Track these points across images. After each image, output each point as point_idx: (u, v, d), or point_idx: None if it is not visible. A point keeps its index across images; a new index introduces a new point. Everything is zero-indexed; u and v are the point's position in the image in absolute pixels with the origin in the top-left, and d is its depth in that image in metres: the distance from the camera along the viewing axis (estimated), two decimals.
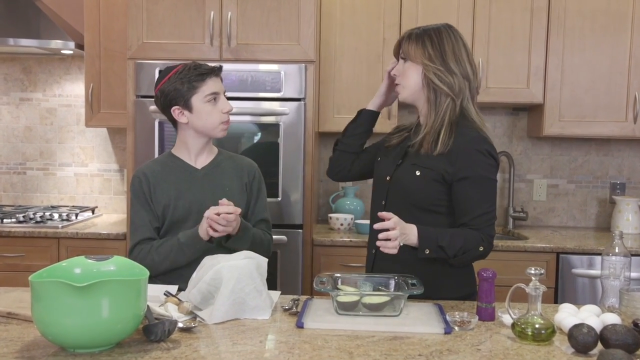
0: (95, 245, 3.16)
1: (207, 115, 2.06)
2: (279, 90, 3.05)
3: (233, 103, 3.01)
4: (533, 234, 3.33)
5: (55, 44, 3.38)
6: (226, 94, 2.16)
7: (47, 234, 3.17)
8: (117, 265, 1.58)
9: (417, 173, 1.91)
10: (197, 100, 2.05)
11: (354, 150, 2.18)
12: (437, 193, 1.90)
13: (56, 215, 3.43)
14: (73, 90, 3.80)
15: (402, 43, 1.99)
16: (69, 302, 1.36)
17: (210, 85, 2.06)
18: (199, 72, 2.04)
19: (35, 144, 3.83)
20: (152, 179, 2.11)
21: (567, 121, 3.31)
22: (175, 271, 2.07)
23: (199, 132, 2.10)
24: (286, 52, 3.07)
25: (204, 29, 3.09)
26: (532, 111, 3.55)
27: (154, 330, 1.49)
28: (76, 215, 3.47)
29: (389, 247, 1.74)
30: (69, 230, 3.19)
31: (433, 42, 1.92)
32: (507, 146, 3.66)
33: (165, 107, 2.10)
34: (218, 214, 1.93)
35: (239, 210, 1.98)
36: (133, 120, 3.10)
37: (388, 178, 2.00)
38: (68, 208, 3.64)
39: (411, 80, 1.95)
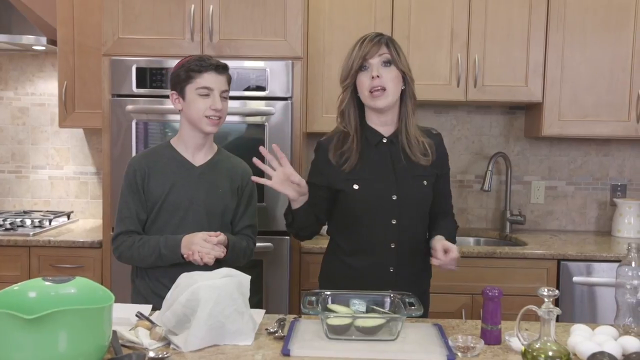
0: (69, 254, 2.97)
1: (194, 105, 2.06)
2: (264, 89, 2.88)
3: None
4: (531, 239, 3.18)
5: (27, 39, 3.18)
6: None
7: (17, 243, 2.97)
8: (79, 288, 1.41)
9: (425, 183, 1.99)
10: (190, 90, 2.06)
11: (310, 222, 2.00)
12: (432, 194, 2.04)
13: (28, 222, 3.23)
14: (47, 89, 3.59)
15: (382, 48, 1.93)
16: (19, 336, 1.18)
17: (206, 79, 2.05)
18: (198, 64, 2.05)
19: (7, 145, 3.63)
20: (147, 169, 2.10)
21: (567, 121, 3.16)
22: (161, 268, 2.05)
23: (190, 122, 2.10)
24: (272, 48, 2.90)
25: (184, 23, 2.90)
26: (530, 110, 3.40)
27: None
28: (50, 221, 3.27)
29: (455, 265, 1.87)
30: (41, 238, 3.00)
31: (401, 49, 1.98)
32: (504, 146, 3.50)
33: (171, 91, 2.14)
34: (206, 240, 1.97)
35: (222, 255, 1.97)
36: (109, 120, 2.91)
37: (395, 197, 1.95)
38: (42, 213, 3.44)
39: (397, 88, 1.95)
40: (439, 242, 1.87)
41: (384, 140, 1.99)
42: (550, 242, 3.13)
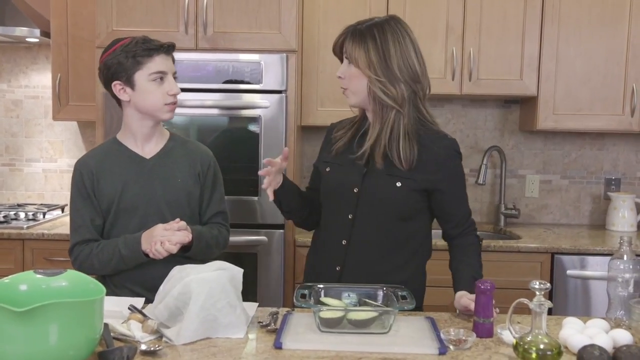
0: (63, 247, 2.91)
1: (149, 94, 1.88)
2: (258, 82, 2.87)
3: (210, 95, 2.86)
4: (526, 233, 3.19)
5: (20, 31, 3.16)
6: (201, 85, 1.99)
7: (10, 235, 2.96)
8: (70, 280, 1.40)
9: (398, 184, 1.79)
10: (140, 77, 1.87)
11: (304, 208, 1.96)
12: (417, 202, 1.83)
13: (22, 215, 3.22)
14: (40, 81, 3.58)
15: (344, 42, 1.81)
16: (10, 329, 1.18)
17: (158, 63, 1.87)
18: (146, 47, 1.86)
19: (0, 138, 3.61)
20: (95, 170, 1.93)
21: (562, 114, 3.16)
22: (123, 273, 1.93)
23: (142, 112, 1.92)
24: (266, 41, 2.89)
25: (178, 15, 2.89)
26: (525, 104, 3.40)
27: (110, 358, 1.31)
28: (44, 214, 3.26)
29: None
30: (35, 230, 2.99)
31: (376, 44, 1.76)
32: (499, 140, 3.50)
33: (107, 81, 1.92)
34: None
35: (187, 239, 1.84)
36: (102, 113, 2.90)
37: (356, 190, 1.83)
38: (35, 206, 3.43)
39: (358, 86, 1.80)
40: (461, 300, 1.71)
41: (362, 131, 1.88)
42: (544, 236, 3.13)
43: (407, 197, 1.80)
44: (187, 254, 1.89)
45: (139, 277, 1.91)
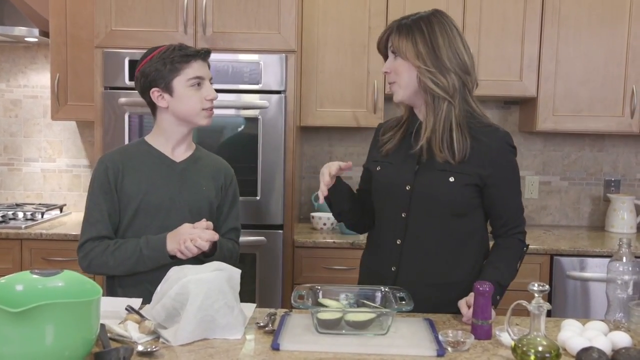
0: (61, 247, 2.95)
1: (188, 99, 1.90)
2: (257, 82, 2.86)
3: None
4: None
5: (19, 30, 3.16)
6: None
7: (8, 235, 2.96)
8: (66, 281, 1.39)
9: (451, 179, 1.75)
10: (179, 83, 1.89)
11: (356, 210, 1.95)
12: (470, 198, 1.79)
13: (20, 214, 3.21)
14: (39, 81, 3.57)
15: (390, 37, 1.80)
16: (5, 330, 1.17)
17: (195, 69, 1.90)
18: (183, 54, 1.89)
19: None
20: (121, 166, 1.92)
21: (562, 115, 3.15)
22: (137, 275, 1.90)
23: (180, 118, 1.93)
24: (266, 41, 2.88)
25: (177, 15, 2.88)
26: (525, 105, 3.40)
27: (106, 358, 1.30)
28: (42, 214, 3.25)
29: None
30: (33, 230, 2.98)
31: (424, 36, 1.75)
32: None
33: (144, 89, 1.93)
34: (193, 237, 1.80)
35: (216, 237, 1.83)
36: (101, 113, 2.90)
37: (408, 187, 1.80)
38: (34, 206, 3.43)
39: (407, 79, 1.77)
40: (465, 299, 1.70)
41: (415, 128, 1.84)
42: (543, 237, 3.13)
43: (460, 192, 1.76)
44: (207, 259, 1.84)
45: (155, 278, 1.81)
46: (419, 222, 1.80)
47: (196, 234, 1.78)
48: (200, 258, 1.85)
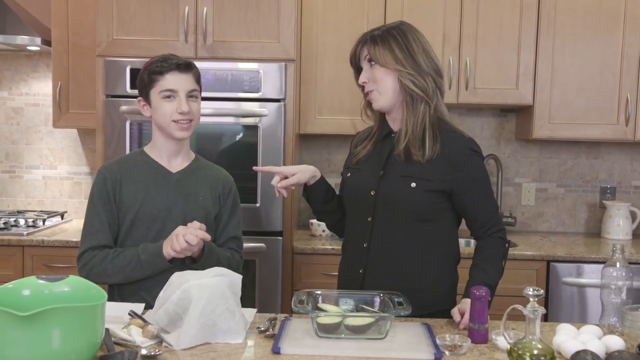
0: (63, 254, 2.98)
1: (161, 110, 1.92)
2: (257, 90, 2.90)
3: (209, 104, 2.88)
4: (522, 241, 3.21)
5: (21, 39, 3.20)
6: (202, 93, 2.01)
7: (10, 242, 2.98)
8: (72, 286, 1.43)
9: (413, 185, 1.80)
10: (154, 94, 1.92)
11: (334, 212, 2.03)
12: (434, 203, 1.83)
13: (22, 221, 3.23)
14: (41, 89, 3.61)
15: (365, 48, 1.87)
16: (13, 333, 1.20)
17: (169, 81, 1.90)
18: (160, 65, 1.90)
19: (1, 145, 3.64)
20: (119, 176, 1.95)
21: (557, 123, 3.19)
22: (135, 284, 1.92)
23: (159, 129, 1.96)
24: (265, 50, 2.92)
25: (178, 25, 2.92)
26: (521, 113, 3.44)
27: None
28: (44, 221, 3.28)
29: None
30: (35, 237, 3.01)
31: (399, 42, 1.83)
32: (495, 149, 3.54)
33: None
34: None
35: (207, 237, 1.82)
36: (103, 121, 2.93)
37: (373, 192, 1.86)
38: (35, 213, 3.45)
39: (388, 85, 1.84)
40: (457, 307, 1.75)
41: (392, 135, 1.90)
42: (540, 244, 3.16)
43: (422, 198, 1.80)
44: (194, 265, 1.86)
45: (151, 285, 1.85)
46: (384, 227, 1.86)
47: (187, 231, 1.79)
48: (187, 264, 1.86)
